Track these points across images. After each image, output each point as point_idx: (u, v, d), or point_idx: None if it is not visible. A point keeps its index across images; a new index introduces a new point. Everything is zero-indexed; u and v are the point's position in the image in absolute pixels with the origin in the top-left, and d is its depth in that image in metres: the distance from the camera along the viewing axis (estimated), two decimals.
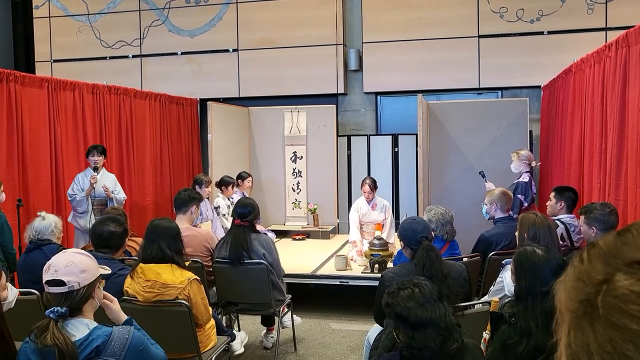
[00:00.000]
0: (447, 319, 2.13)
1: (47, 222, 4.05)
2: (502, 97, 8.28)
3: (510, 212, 4.84)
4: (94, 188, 5.72)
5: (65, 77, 6.39)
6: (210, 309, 3.59)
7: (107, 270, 2.33)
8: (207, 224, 6.44)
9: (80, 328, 2.09)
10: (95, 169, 5.77)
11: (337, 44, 8.63)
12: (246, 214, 4.37)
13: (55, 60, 9.65)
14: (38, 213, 4.19)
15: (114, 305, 2.33)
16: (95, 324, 2.14)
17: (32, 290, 3.46)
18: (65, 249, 4.13)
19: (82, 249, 3.87)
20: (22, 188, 5.49)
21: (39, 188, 5.67)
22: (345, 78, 8.74)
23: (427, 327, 2.09)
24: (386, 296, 2.23)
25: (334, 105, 8.46)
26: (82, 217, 5.67)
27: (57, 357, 1.97)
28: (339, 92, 8.72)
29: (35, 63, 9.76)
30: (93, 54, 9.49)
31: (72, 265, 2.14)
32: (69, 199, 5.70)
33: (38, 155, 5.72)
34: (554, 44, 7.74)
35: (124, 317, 2.37)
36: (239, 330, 4.88)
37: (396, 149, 8.39)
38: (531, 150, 6.79)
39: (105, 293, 2.31)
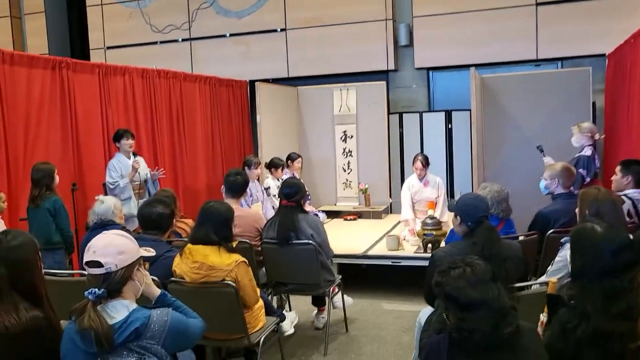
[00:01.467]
0: (501, 301, 1.99)
1: (106, 205, 4.10)
2: (562, 68, 7.87)
3: (572, 188, 4.59)
4: (137, 172, 5.73)
5: (118, 63, 6.46)
6: (258, 290, 3.55)
7: (151, 253, 2.29)
8: (258, 205, 6.43)
9: (120, 310, 2.07)
10: (135, 154, 5.79)
11: (386, 19, 8.41)
12: (292, 194, 4.31)
13: (108, 47, 9.84)
14: (96, 197, 4.25)
15: (147, 279, 2.30)
16: (135, 305, 2.11)
17: None
18: (128, 230, 4.20)
19: (132, 232, 3.92)
20: (78, 173, 5.61)
21: (93, 172, 5.78)
22: (395, 54, 8.52)
23: (479, 308, 1.96)
24: (436, 275, 2.11)
25: (384, 82, 8.26)
26: (125, 204, 5.50)
27: (94, 340, 1.96)
28: (389, 68, 8.51)
29: (90, 50, 9.97)
30: (144, 40, 9.61)
31: (110, 247, 2.12)
32: (110, 187, 5.58)
33: (91, 141, 5.83)
34: (620, 8, 7.25)
35: (157, 291, 2.34)
36: (290, 311, 4.85)
37: (450, 126, 8.15)
38: (594, 122, 6.41)
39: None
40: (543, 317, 2.44)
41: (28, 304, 2.14)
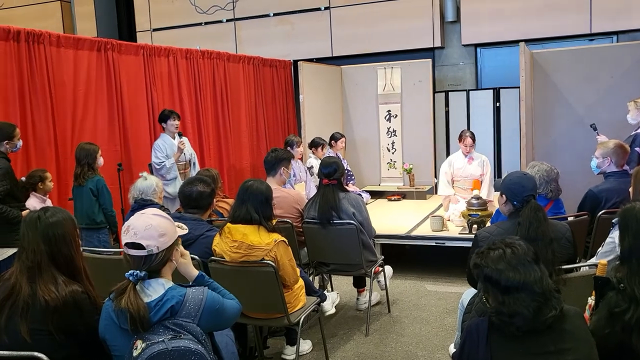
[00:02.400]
0: (544, 284, 1.90)
1: (149, 182, 4.16)
2: (617, 42, 7.51)
3: (626, 167, 4.38)
4: (182, 153, 5.79)
5: (164, 44, 6.53)
6: (298, 270, 3.54)
7: (184, 230, 2.29)
8: (301, 185, 6.43)
9: (157, 288, 2.08)
10: (180, 134, 5.84)
11: None
12: (332, 173, 4.26)
13: (154, 29, 9.96)
14: (140, 174, 4.31)
15: (186, 259, 2.31)
16: (171, 283, 2.12)
17: None
18: (167, 209, 4.26)
19: (176, 211, 3.96)
20: (124, 153, 5.72)
21: (139, 153, 5.88)
22: (442, 30, 8.32)
23: (520, 291, 1.87)
24: (475, 256, 2.03)
25: (430, 60, 8.09)
26: (170, 184, 5.65)
27: (128, 321, 1.98)
28: (435, 45, 8.32)
29: (137, 33, 10.12)
30: (189, 21, 9.69)
31: (151, 229, 2.11)
32: (157, 167, 5.66)
33: (138, 121, 5.93)
34: None
35: (195, 272, 2.34)
36: (332, 291, 4.84)
37: (498, 104, 7.92)
38: None
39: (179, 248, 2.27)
40: (591, 300, 2.34)
41: (67, 279, 2.18)
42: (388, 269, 4.92)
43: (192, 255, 3.24)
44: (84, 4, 10.42)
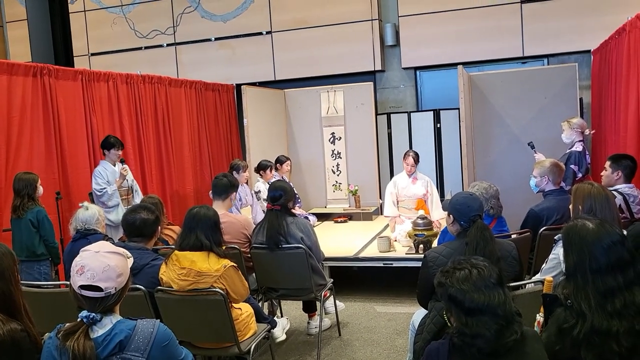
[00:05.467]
0: (507, 307, 1.91)
1: (91, 212, 4.02)
2: (548, 65, 7.87)
3: (563, 184, 4.56)
4: (125, 179, 5.67)
5: (103, 69, 6.37)
6: (248, 289, 3.48)
7: (130, 260, 2.20)
8: (247, 209, 6.36)
9: (105, 323, 1.99)
10: (122, 161, 5.70)
11: (372, 20, 8.38)
12: (277, 197, 4.24)
13: (92, 54, 9.73)
14: (80, 204, 4.16)
15: None
16: (118, 317, 2.03)
17: None
18: (110, 238, 4.11)
19: (119, 240, 3.83)
20: (62, 181, 5.50)
21: (79, 181, 5.67)
22: (382, 54, 8.49)
23: (483, 313, 1.88)
24: (440, 275, 2.03)
25: (372, 83, 8.22)
26: (112, 211, 5.52)
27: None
28: (376, 69, 8.48)
29: (74, 57, 9.84)
30: (128, 45, 9.52)
31: (109, 270, 2.01)
32: (98, 194, 5.51)
33: (76, 148, 5.72)
34: (605, 4, 7.26)
35: None
36: (281, 317, 4.78)
37: (438, 125, 8.12)
38: (582, 118, 6.40)
39: None
40: (539, 317, 2.39)
41: (5, 316, 2.06)
42: (340, 304, 4.98)
43: (137, 286, 3.16)
44: (17, 27, 10.09)
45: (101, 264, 2.02)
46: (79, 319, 1.98)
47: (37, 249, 4.55)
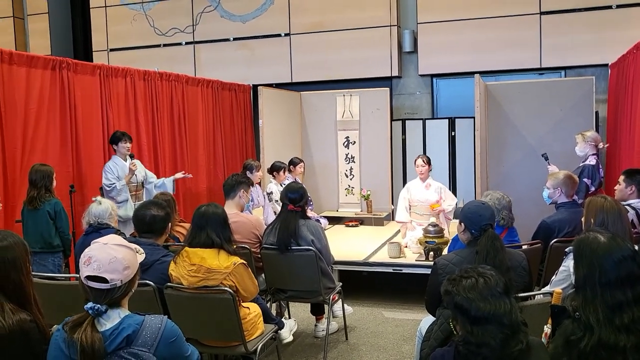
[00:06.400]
0: (513, 316, 1.92)
1: (104, 207, 4.06)
2: (565, 77, 7.83)
3: (575, 197, 4.53)
4: (134, 175, 5.69)
5: (121, 65, 6.44)
6: (257, 288, 3.49)
7: (142, 255, 2.23)
8: (259, 210, 6.39)
9: (112, 316, 2.00)
10: (132, 156, 5.74)
11: (390, 26, 8.39)
12: (298, 199, 4.25)
13: (111, 49, 9.82)
14: (93, 198, 4.19)
15: None
16: (127, 312, 2.04)
17: None
18: (122, 233, 4.14)
19: (130, 235, 3.86)
20: (76, 175, 5.56)
21: (92, 175, 5.73)
22: (399, 60, 8.49)
23: (489, 322, 1.89)
24: (446, 283, 2.04)
25: (388, 89, 8.22)
26: (121, 206, 5.51)
27: (78, 353, 1.90)
28: (393, 75, 8.48)
29: (93, 52, 9.96)
30: (147, 42, 9.60)
31: (116, 262, 2.02)
32: (107, 189, 5.55)
33: (91, 142, 5.78)
34: (624, 18, 7.24)
35: None
36: (289, 318, 4.79)
37: (453, 133, 8.10)
38: (597, 132, 6.36)
39: None
40: (547, 328, 2.38)
41: (15, 306, 2.09)
42: (348, 309, 4.99)
43: (147, 282, 3.19)
44: (38, 20, 10.21)
45: (108, 255, 2.04)
46: (85, 311, 2.00)
47: (54, 240, 4.61)
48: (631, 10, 7.22)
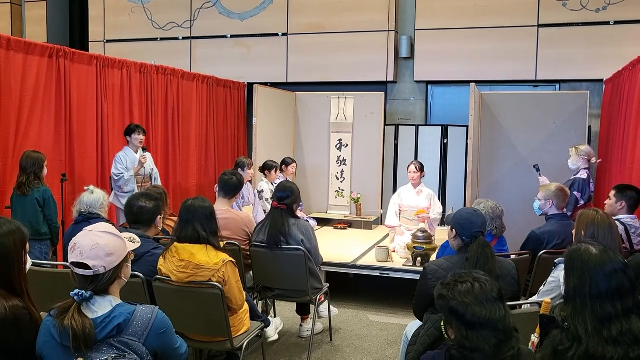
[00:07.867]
0: (507, 322, 1.94)
1: (96, 196, 4.04)
2: (560, 90, 7.90)
3: (565, 210, 4.57)
4: (143, 167, 5.75)
5: (116, 57, 6.40)
6: (244, 293, 3.49)
7: (137, 244, 2.22)
8: (249, 208, 6.38)
9: (104, 304, 2.00)
10: (144, 149, 5.80)
11: (388, 30, 8.41)
12: (284, 198, 4.25)
13: (108, 41, 9.77)
14: (85, 187, 4.17)
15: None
16: (119, 301, 2.04)
17: None
18: (112, 224, 4.12)
19: (120, 225, 3.84)
20: (68, 163, 5.53)
21: (85, 164, 5.71)
22: (395, 65, 8.52)
23: (484, 327, 1.90)
24: (441, 287, 2.05)
25: (383, 93, 8.25)
26: (127, 196, 5.49)
27: (70, 339, 1.89)
28: (388, 79, 8.51)
29: (89, 43, 9.89)
30: (144, 35, 9.56)
31: (98, 249, 2.02)
32: (115, 178, 5.63)
33: (85, 132, 5.76)
34: (621, 35, 7.32)
35: None
36: (275, 317, 4.78)
37: (445, 141, 8.14)
38: (589, 146, 6.42)
39: None
40: (534, 337, 2.40)
41: (7, 293, 2.07)
42: (334, 310, 4.98)
43: (136, 273, 3.17)
44: (36, 8, 10.13)
45: (91, 241, 2.03)
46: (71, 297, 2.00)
47: (41, 228, 4.59)
48: (628, 27, 7.31)
